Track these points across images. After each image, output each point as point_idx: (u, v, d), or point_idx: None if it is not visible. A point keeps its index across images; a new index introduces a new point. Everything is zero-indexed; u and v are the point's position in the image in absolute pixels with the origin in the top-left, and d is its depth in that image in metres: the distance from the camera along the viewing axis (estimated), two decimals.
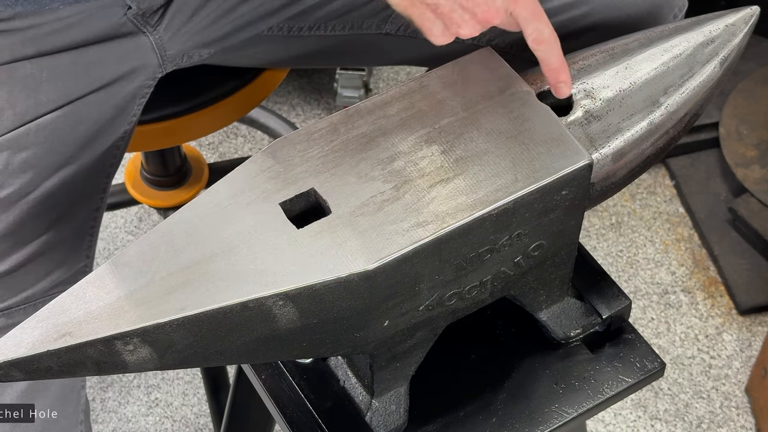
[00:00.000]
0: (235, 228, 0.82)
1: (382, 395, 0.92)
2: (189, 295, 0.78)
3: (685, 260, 1.93)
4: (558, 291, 0.96)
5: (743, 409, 1.75)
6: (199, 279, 0.79)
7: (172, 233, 0.82)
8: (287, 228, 0.82)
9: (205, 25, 1.13)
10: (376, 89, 2.17)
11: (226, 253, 0.80)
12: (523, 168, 0.85)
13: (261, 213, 0.82)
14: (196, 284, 0.78)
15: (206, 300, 0.78)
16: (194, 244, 0.81)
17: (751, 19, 1.00)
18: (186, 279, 0.79)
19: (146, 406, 1.77)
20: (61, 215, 1.08)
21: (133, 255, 0.80)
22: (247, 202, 0.83)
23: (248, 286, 0.78)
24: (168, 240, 0.81)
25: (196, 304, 0.77)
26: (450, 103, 0.89)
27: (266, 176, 0.85)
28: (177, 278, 0.79)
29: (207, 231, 0.81)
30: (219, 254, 0.80)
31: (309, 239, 0.81)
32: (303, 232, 0.81)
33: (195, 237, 0.81)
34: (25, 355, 0.76)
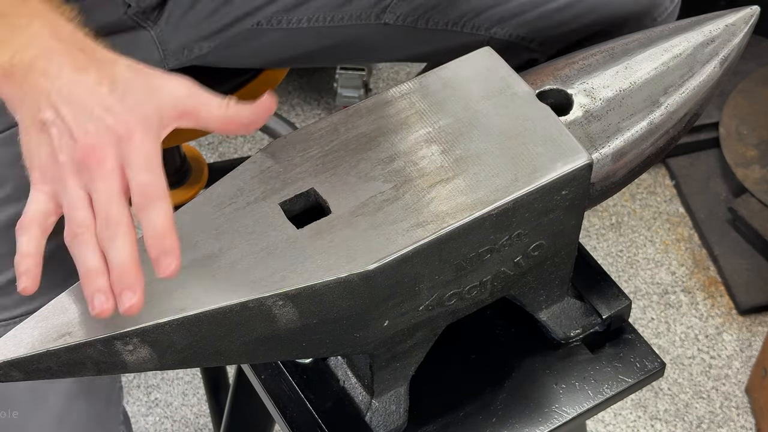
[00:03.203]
0: (235, 228, 0.82)
1: (382, 395, 0.92)
2: (189, 295, 0.78)
3: (685, 260, 1.93)
4: (558, 291, 0.96)
5: (743, 409, 1.75)
6: (199, 279, 0.79)
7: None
8: (287, 228, 0.82)
9: (204, 17, 1.13)
10: (376, 89, 2.17)
11: (226, 253, 0.80)
12: (523, 168, 0.85)
13: (261, 213, 0.82)
14: (196, 284, 0.78)
15: (206, 300, 0.78)
16: (194, 243, 0.81)
17: (751, 19, 1.00)
18: (186, 279, 0.79)
19: (146, 406, 1.77)
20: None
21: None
22: (247, 202, 0.83)
23: (248, 286, 0.78)
24: None
25: (196, 304, 0.77)
26: (450, 103, 0.89)
27: (266, 176, 0.85)
28: (177, 278, 0.79)
29: (207, 231, 0.81)
30: (219, 254, 0.80)
31: (309, 239, 0.81)
32: (303, 232, 0.81)
33: (195, 237, 0.81)
34: (24, 355, 0.76)
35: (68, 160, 0.74)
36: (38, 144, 0.75)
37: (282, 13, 1.15)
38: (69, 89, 0.74)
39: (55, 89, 0.75)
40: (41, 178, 0.75)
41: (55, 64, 0.75)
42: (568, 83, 0.95)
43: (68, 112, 0.74)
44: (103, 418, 1.07)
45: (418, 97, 0.90)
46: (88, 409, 1.06)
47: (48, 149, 0.75)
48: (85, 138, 0.73)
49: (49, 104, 0.74)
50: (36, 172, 0.76)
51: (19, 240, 0.74)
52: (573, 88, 0.94)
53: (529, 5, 1.11)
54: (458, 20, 1.13)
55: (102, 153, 0.73)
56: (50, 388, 1.03)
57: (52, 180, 0.75)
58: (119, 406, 1.11)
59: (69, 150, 0.74)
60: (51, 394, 1.03)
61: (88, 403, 1.06)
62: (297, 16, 1.15)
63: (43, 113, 0.75)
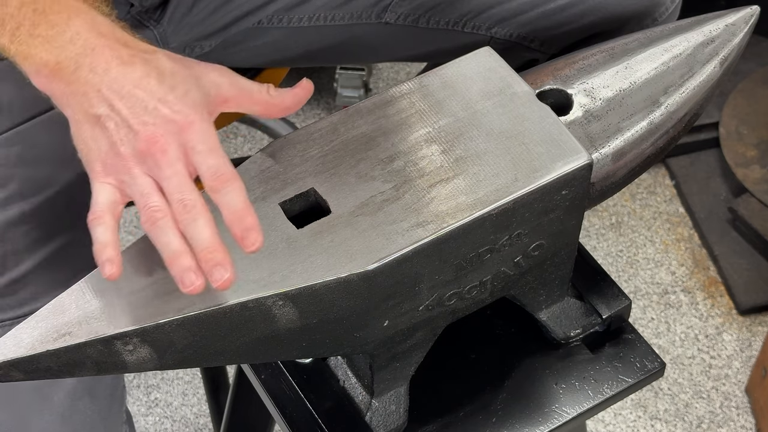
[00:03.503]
0: None
1: (382, 395, 0.92)
2: (189, 295, 0.78)
3: (685, 260, 1.93)
4: (558, 291, 0.96)
5: (743, 409, 1.75)
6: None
7: None
8: (287, 228, 0.82)
9: (206, 15, 1.13)
10: (376, 89, 2.17)
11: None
12: (523, 168, 0.85)
13: (261, 213, 0.82)
14: None
15: (206, 300, 0.78)
16: None
17: (751, 18, 1.00)
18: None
19: (146, 406, 1.77)
20: (84, 211, 1.07)
21: (133, 255, 0.80)
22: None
23: (248, 286, 0.78)
24: None
25: (196, 304, 0.77)
26: (450, 103, 0.89)
27: (266, 176, 0.85)
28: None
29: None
30: None
31: (309, 239, 0.81)
32: (303, 232, 0.81)
33: None
34: (24, 355, 0.76)
35: (130, 151, 0.76)
36: (94, 138, 0.77)
37: (283, 12, 1.15)
38: (119, 84, 0.77)
39: (105, 84, 0.77)
40: (103, 170, 0.77)
41: (102, 60, 0.78)
42: (568, 83, 0.95)
43: (123, 106, 0.77)
44: (106, 418, 1.08)
45: (418, 97, 0.90)
46: (92, 408, 1.06)
47: (106, 142, 0.77)
48: (145, 129, 0.76)
49: (102, 99, 0.77)
50: (97, 164, 0.78)
51: (95, 231, 0.76)
52: (573, 88, 0.94)
53: (530, 5, 1.11)
54: (459, 20, 1.13)
55: (164, 142, 0.76)
56: (54, 387, 1.03)
57: (116, 171, 0.77)
58: (122, 405, 1.12)
59: (130, 142, 0.76)
60: (55, 394, 1.03)
61: (92, 402, 1.06)
62: (298, 14, 1.15)
63: (96, 108, 0.77)
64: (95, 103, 0.77)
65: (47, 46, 0.78)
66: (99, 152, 0.77)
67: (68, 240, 1.05)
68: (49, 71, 0.79)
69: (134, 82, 0.77)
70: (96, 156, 0.78)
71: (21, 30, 0.79)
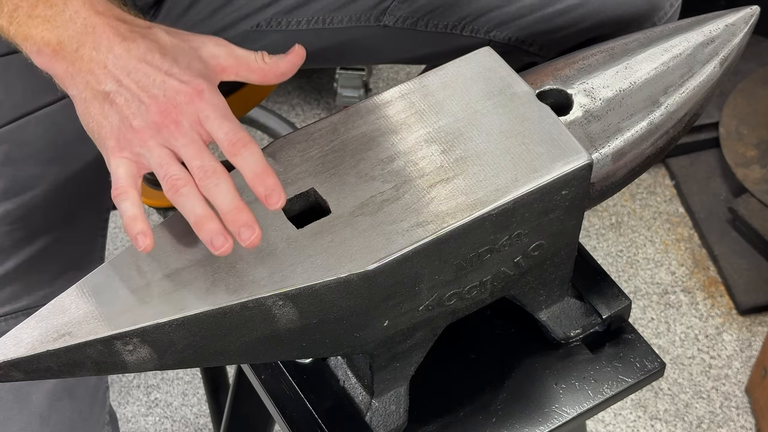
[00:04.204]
0: None
1: (382, 395, 0.92)
2: (189, 295, 0.78)
3: (685, 260, 1.93)
4: (558, 291, 0.96)
5: (743, 409, 1.75)
6: (199, 279, 0.79)
7: (172, 233, 0.82)
8: (287, 228, 0.82)
9: (202, 18, 1.13)
10: (376, 89, 2.17)
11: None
12: (523, 168, 0.85)
13: (261, 213, 0.82)
14: (196, 284, 0.79)
15: (206, 300, 0.78)
16: (194, 244, 0.81)
17: (751, 19, 1.00)
18: (186, 279, 0.79)
19: (146, 406, 1.77)
20: (69, 211, 1.07)
21: (134, 255, 0.80)
22: (247, 202, 0.83)
23: (248, 286, 0.78)
24: (168, 240, 0.81)
25: (196, 304, 0.77)
26: (449, 103, 0.89)
27: None
28: (177, 278, 0.79)
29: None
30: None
31: (309, 239, 0.81)
32: (303, 232, 0.81)
33: (195, 237, 0.81)
34: (24, 355, 0.76)
35: (144, 124, 0.77)
36: (105, 114, 0.78)
37: (282, 15, 1.15)
38: (124, 60, 0.78)
39: (110, 61, 0.78)
40: (117, 145, 0.78)
41: (104, 38, 0.79)
42: (568, 83, 0.95)
43: (131, 81, 0.78)
44: (87, 419, 1.08)
45: (418, 97, 0.90)
46: (72, 409, 1.06)
47: (118, 117, 0.78)
48: (156, 102, 0.77)
49: (109, 75, 0.78)
50: (110, 140, 0.79)
51: (122, 206, 0.77)
52: (573, 88, 0.94)
53: (529, 9, 1.11)
54: (457, 23, 1.13)
55: (177, 112, 0.77)
56: (33, 387, 1.03)
57: (130, 145, 0.78)
58: (105, 406, 1.11)
59: (143, 115, 0.78)
60: (34, 394, 1.03)
61: (72, 403, 1.06)
62: (296, 17, 1.15)
63: (104, 84, 0.78)
64: (102, 79, 0.78)
65: (47, 26, 0.79)
66: (111, 128, 0.78)
67: (52, 240, 1.06)
68: (51, 50, 0.79)
69: (139, 57, 0.79)
70: (109, 132, 0.78)
71: (19, 11, 0.80)
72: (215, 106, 0.78)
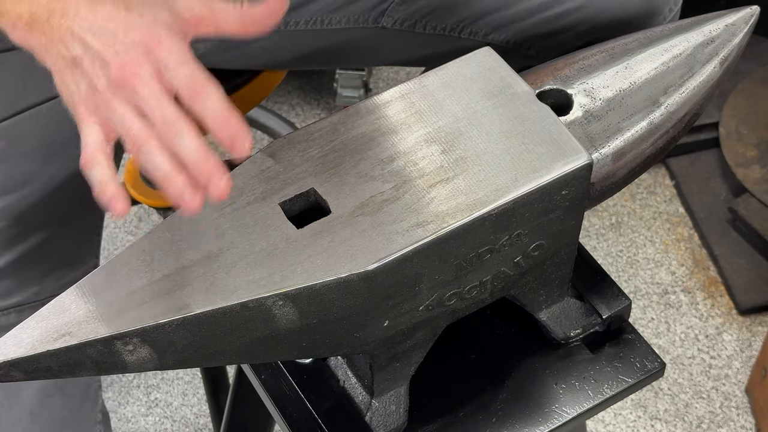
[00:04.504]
0: (235, 228, 0.82)
1: (382, 395, 0.92)
2: (189, 295, 0.78)
3: (685, 260, 1.93)
4: (558, 291, 0.96)
5: (743, 409, 1.75)
6: (199, 279, 0.79)
7: (172, 233, 0.82)
8: (287, 228, 0.82)
9: None
10: (376, 89, 2.17)
11: (226, 253, 0.80)
12: (523, 168, 0.85)
13: (261, 213, 0.82)
14: (196, 284, 0.78)
15: (206, 300, 0.78)
16: (194, 244, 0.81)
17: (751, 19, 1.00)
18: (186, 279, 0.79)
19: (146, 406, 1.77)
20: (64, 209, 1.07)
21: (133, 255, 0.80)
22: (247, 202, 0.83)
23: (248, 286, 0.78)
24: (168, 240, 0.81)
25: (196, 304, 0.77)
26: (449, 103, 0.89)
27: (266, 176, 0.85)
28: (177, 278, 0.79)
29: (207, 231, 0.81)
30: (219, 254, 0.80)
31: (309, 239, 0.81)
32: (303, 232, 0.81)
33: (195, 237, 0.81)
34: (24, 355, 0.76)
35: (105, 83, 0.76)
36: (74, 80, 0.77)
37: None
38: (90, 21, 0.77)
39: (76, 24, 0.77)
40: (86, 111, 0.77)
41: (71, 3, 0.77)
42: (568, 83, 0.95)
43: (95, 41, 0.76)
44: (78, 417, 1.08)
45: (418, 97, 0.90)
46: (63, 406, 1.06)
47: (85, 81, 0.77)
48: (116, 58, 0.75)
49: (75, 40, 0.77)
50: (80, 107, 0.77)
51: (91, 172, 0.75)
52: (573, 88, 0.94)
53: (527, 12, 1.11)
54: (456, 25, 1.13)
55: (136, 65, 0.75)
56: (24, 384, 1.03)
57: (97, 109, 0.76)
58: (96, 404, 1.11)
59: (105, 74, 0.76)
60: (24, 390, 1.03)
61: (63, 400, 1.06)
62: (294, 18, 1.15)
63: (71, 50, 0.77)
64: (70, 45, 0.77)
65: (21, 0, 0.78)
66: (80, 94, 0.77)
67: (46, 237, 1.06)
68: (24, 24, 0.78)
69: (104, 17, 0.77)
70: (78, 98, 0.77)
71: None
72: (174, 55, 0.76)
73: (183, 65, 0.75)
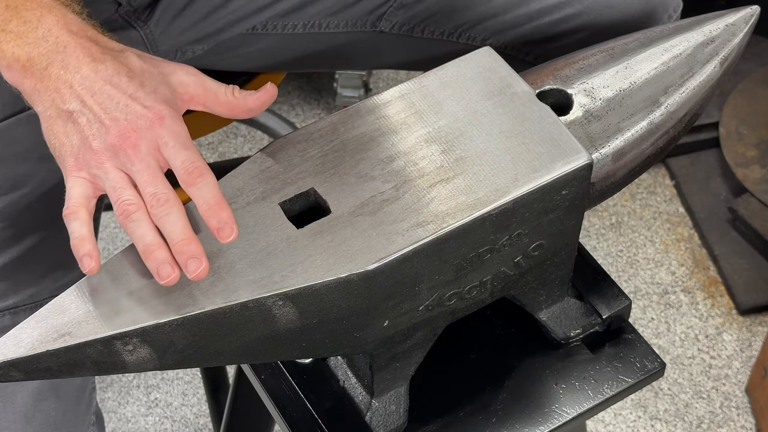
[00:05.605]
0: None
1: (381, 395, 0.92)
2: (188, 295, 0.78)
3: (685, 260, 1.93)
4: (558, 291, 0.96)
5: (743, 409, 1.75)
6: (199, 279, 0.79)
7: None
8: (287, 228, 0.82)
9: (197, 20, 1.12)
10: (376, 89, 2.17)
11: (226, 253, 0.80)
12: (523, 168, 0.85)
13: (261, 213, 0.82)
14: (196, 284, 0.78)
15: (206, 300, 0.78)
16: None
17: (751, 18, 1.00)
18: (186, 279, 0.79)
19: (146, 406, 1.77)
20: (59, 211, 1.07)
21: (133, 255, 0.80)
22: (247, 202, 0.83)
23: (248, 286, 0.78)
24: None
25: (196, 304, 0.77)
26: (449, 103, 0.89)
27: (266, 176, 0.85)
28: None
29: (206, 231, 0.81)
30: (219, 254, 0.80)
31: (309, 239, 0.81)
32: (303, 232, 0.81)
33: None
34: (24, 355, 0.76)
35: (102, 146, 0.77)
36: (67, 133, 0.78)
37: (277, 18, 1.15)
38: (91, 80, 0.78)
39: (77, 81, 0.78)
40: (76, 165, 0.78)
41: (73, 57, 0.79)
42: (568, 83, 0.95)
43: (94, 102, 0.78)
44: (72, 419, 1.08)
45: (418, 97, 0.90)
46: (57, 408, 1.06)
47: (79, 137, 0.78)
48: (117, 125, 0.77)
49: (74, 95, 0.78)
50: (70, 159, 0.79)
51: (71, 225, 0.77)
52: (573, 88, 0.94)
53: (525, 18, 1.11)
54: (454, 30, 1.14)
55: (136, 137, 0.77)
56: (18, 386, 1.03)
57: (88, 166, 0.78)
58: (91, 406, 1.11)
59: (102, 137, 0.77)
60: (19, 393, 1.03)
61: (57, 402, 1.06)
62: (292, 21, 1.15)
63: (68, 104, 0.78)
64: (67, 99, 0.78)
65: (19, 42, 0.79)
66: (71, 147, 0.78)
67: (40, 239, 1.06)
68: (21, 66, 0.79)
69: (105, 79, 0.78)
70: (69, 151, 0.79)
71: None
72: (175, 133, 0.78)
73: (183, 147, 0.77)
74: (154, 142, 0.77)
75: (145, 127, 0.77)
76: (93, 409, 1.12)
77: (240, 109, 0.84)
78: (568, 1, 1.11)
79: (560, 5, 1.10)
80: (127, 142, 0.77)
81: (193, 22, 1.13)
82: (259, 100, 0.84)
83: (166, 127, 0.77)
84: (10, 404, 1.03)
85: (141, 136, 0.77)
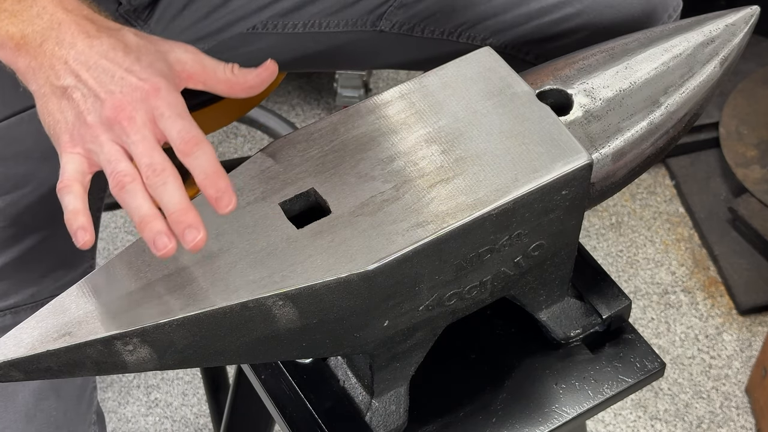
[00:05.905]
0: (235, 228, 0.82)
1: (382, 395, 0.92)
2: (189, 295, 0.78)
3: (685, 260, 1.93)
4: (558, 291, 0.96)
5: (743, 409, 1.75)
6: (199, 279, 0.79)
7: None
8: (287, 228, 0.82)
9: (197, 19, 1.13)
10: (376, 89, 2.18)
11: (226, 253, 0.80)
12: (523, 168, 0.85)
13: (261, 213, 0.82)
14: (196, 284, 0.78)
15: (206, 300, 0.78)
16: None
17: (751, 18, 1.00)
18: (185, 279, 0.79)
19: (146, 406, 1.77)
20: (60, 210, 1.07)
21: (133, 255, 0.80)
22: (247, 202, 0.83)
23: (248, 286, 0.78)
24: None
25: (196, 304, 0.77)
26: (449, 103, 0.89)
27: (266, 176, 0.85)
28: (177, 278, 0.79)
29: (207, 231, 0.81)
30: (219, 254, 0.80)
31: (309, 239, 0.81)
32: (303, 232, 0.81)
33: None
34: (24, 355, 0.76)
35: (97, 120, 0.76)
36: (61, 109, 0.78)
37: (277, 18, 1.15)
38: (86, 55, 0.77)
39: (72, 56, 0.78)
40: (71, 141, 0.78)
41: (68, 34, 0.78)
42: (568, 83, 0.95)
43: (89, 76, 0.77)
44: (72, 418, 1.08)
45: (418, 97, 0.90)
46: (58, 408, 1.06)
47: (73, 112, 0.77)
48: (112, 98, 0.76)
49: (69, 71, 0.77)
50: (65, 135, 0.78)
51: (65, 199, 0.76)
52: (573, 88, 0.94)
53: (526, 17, 1.11)
54: (454, 30, 1.14)
55: (131, 109, 0.76)
56: (19, 386, 1.03)
57: (83, 140, 0.77)
58: (92, 405, 1.11)
59: (97, 110, 0.76)
60: (20, 392, 1.03)
61: (58, 401, 1.06)
62: (293, 21, 1.15)
63: (63, 80, 0.77)
64: (62, 74, 0.77)
65: (13, 20, 0.79)
66: (66, 123, 0.78)
67: (41, 238, 1.06)
68: (15, 44, 0.79)
69: (101, 54, 0.78)
70: (63, 127, 0.78)
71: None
72: (171, 104, 0.77)
73: (179, 118, 0.76)
74: (149, 113, 0.76)
75: (140, 98, 0.76)
76: (94, 409, 1.12)
77: (240, 86, 0.83)
78: (568, 1, 1.11)
79: (560, 5, 1.10)
80: (122, 114, 0.76)
81: (193, 21, 1.13)
82: (259, 77, 0.83)
83: (161, 98, 0.77)
84: (11, 403, 1.03)
85: (136, 107, 0.76)
